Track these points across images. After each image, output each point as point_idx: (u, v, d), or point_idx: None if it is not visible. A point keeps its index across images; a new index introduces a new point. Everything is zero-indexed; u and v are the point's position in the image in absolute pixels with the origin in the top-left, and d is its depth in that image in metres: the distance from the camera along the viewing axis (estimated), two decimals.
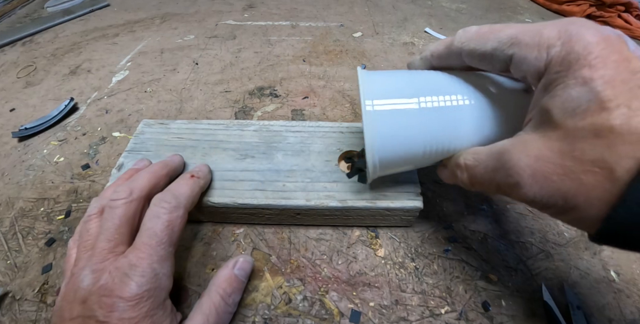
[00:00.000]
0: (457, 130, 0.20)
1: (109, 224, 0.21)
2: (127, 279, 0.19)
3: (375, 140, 0.20)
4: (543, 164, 0.15)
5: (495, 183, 0.18)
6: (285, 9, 0.68)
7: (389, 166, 0.22)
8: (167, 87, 0.47)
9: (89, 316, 0.18)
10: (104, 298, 0.18)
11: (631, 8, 0.65)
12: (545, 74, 0.16)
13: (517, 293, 0.26)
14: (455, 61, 0.21)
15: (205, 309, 0.22)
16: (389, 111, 0.20)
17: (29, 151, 0.38)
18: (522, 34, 0.17)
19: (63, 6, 0.70)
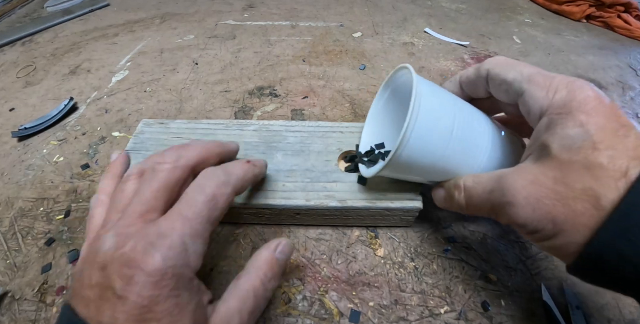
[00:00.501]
0: (472, 158, 0.22)
1: (146, 186, 0.19)
2: (152, 250, 0.17)
3: (409, 137, 0.20)
4: (537, 188, 0.17)
5: (490, 204, 0.20)
6: (285, 9, 0.68)
7: (402, 166, 0.22)
8: (166, 87, 0.47)
9: (107, 286, 0.16)
10: (125, 269, 0.16)
11: (631, 8, 0.65)
12: (546, 113, 0.19)
13: (516, 293, 0.26)
14: (480, 84, 0.24)
15: (242, 293, 0.20)
16: (431, 117, 0.21)
17: (28, 151, 0.38)
18: (538, 75, 0.20)
19: (63, 6, 0.70)
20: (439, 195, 0.24)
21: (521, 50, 0.57)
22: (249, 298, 0.20)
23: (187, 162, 0.21)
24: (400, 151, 0.21)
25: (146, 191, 0.19)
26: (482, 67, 0.23)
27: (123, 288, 0.16)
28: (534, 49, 0.58)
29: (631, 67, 0.54)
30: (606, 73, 0.52)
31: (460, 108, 0.23)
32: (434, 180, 0.24)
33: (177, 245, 0.17)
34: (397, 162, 0.21)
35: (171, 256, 0.17)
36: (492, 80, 0.22)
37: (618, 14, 0.65)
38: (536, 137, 0.19)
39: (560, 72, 0.53)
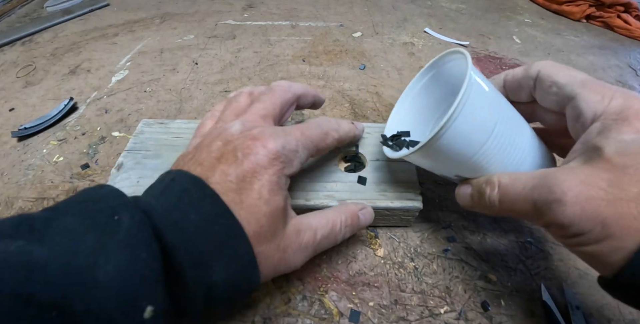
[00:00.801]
0: (508, 157, 0.22)
1: (266, 97, 0.23)
2: (275, 136, 0.20)
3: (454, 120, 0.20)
4: (589, 187, 0.16)
5: (532, 201, 0.18)
6: (285, 9, 0.68)
7: (437, 152, 0.21)
8: (166, 87, 0.47)
9: (228, 152, 0.19)
10: (249, 141, 0.19)
11: (630, 8, 0.65)
12: (600, 118, 0.19)
13: (516, 293, 0.26)
14: (526, 84, 0.23)
15: (324, 218, 0.22)
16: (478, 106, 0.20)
17: (28, 151, 0.38)
18: (592, 81, 0.20)
19: (62, 6, 0.70)
20: (465, 193, 0.23)
21: (521, 50, 0.57)
22: (327, 224, 0.22)
23: (296, 90, 0.25)
24: (442, 133, 0.20)
25: (267, 100, 0.23)
26: (531, 68, 0.23)
27: (244, 154, 0.19)
28: (534, 49, 0.58)
29: (631, 67, 0.54)
30: (606, 73, 0.52)
31: (505, 106, 0.22)
32: (461, 175, 0.23)
33: (293, 144, 0.20)
34: (433, 146, 0.20)
35: (287, 148, 0.20)
36: (542, 81, 0.22)
37: (618, 14, 0.65)
38: (586, 140, 0.19)
39: None
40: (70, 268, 0.12)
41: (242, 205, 0.18)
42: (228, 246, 0.17)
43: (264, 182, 0.19)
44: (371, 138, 0.31)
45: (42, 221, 0.14)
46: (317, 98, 0.28)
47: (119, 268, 0.13)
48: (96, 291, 0.12)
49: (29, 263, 0.12)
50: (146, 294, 0.14)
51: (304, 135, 0.22)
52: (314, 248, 0.22)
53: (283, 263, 0.20)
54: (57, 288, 0.12)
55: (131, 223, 0.14)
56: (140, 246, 0.14)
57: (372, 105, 0.44)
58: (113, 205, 0.15)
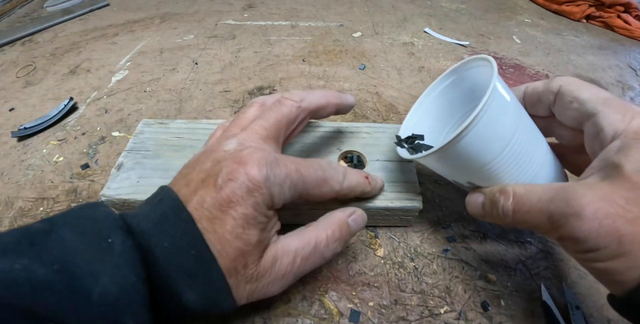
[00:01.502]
0: (524, 168, 0.22)
1: (271, 114, 0.22)
2: (263, 164, 0.19)
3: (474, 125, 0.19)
4: (608, 204, 0.16)
5: (548, 213, 0.18)
6: (285, 9, 0.68)
7: (453, 156, 0.21)
8: (166, 87, 0.47)
9: (213, 174, 0.19)
10: (234, 164, 0.19)
11: (630, 8, 0.65)
12: (620, 136, 0.19)
13: (516, 293, 0.26)
14: (546, 99, 0.23)
15: (305, 238, 0.21)
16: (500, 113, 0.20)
17: (28, 151, 0.38)
18: (614, 100, 0.20)
19: (62, 6, 0.70)
20: (476, 201, 0.23)
21: (521, 50, 0.57)
22: (308, 245, 0.21)
23: (308, 105, 0.23)
24: (463, 136, 0.19)
25: (270, 117, 0.22)
26: (553, 82, 0.23)
27: (224, 180, 0.18)
28: (534, 49, 0.58)
29: (631, 67, 0.54)
30: (606, 73, 0.52)
31: (525, 116, 0.22)
32: (474, 182, 0.23)
33: (280, 178, 0.19)
34: (452, 148, 0.20)
35: (272, 180, 0.19)
36: (562, 96, 0.22)
37: (618, 14, 0.65)
38: (605, 157, 0.19)
39: (560, 72, 0.53)
40: (69, 289, 0.14)
41: (215, 235, 0.18)
42: (199, 276, 0.17)
43: (238, 215, 0.18)
44: (371, 139, 0.31)
45: (40, 234, 0.15)
46: (341, 106, 0.26)
47: (111, 290, 0.14)
48: (89, 310, 0.14)
49: (34, 283, 0.13)
50: (132, 315, 0.15)
51: (298, 172, 0.20)
52: (294, 274, 0.21)
53: (256, 293, 0.20)
54: (57, 306, 0.13)
55: (123, 248, 0.16)
56: (130, 270, 0.15)
57: (372, 105, 0.44)
58: (107, 226, 0.16)
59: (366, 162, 0.30)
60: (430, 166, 0.25)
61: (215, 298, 0.18)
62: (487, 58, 0.23)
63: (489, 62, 0.22)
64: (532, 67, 0.53)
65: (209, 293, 0.18)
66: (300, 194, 0.21)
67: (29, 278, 0.13)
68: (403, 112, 0.43)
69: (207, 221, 0.18)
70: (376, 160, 0.30)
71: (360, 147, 0.31)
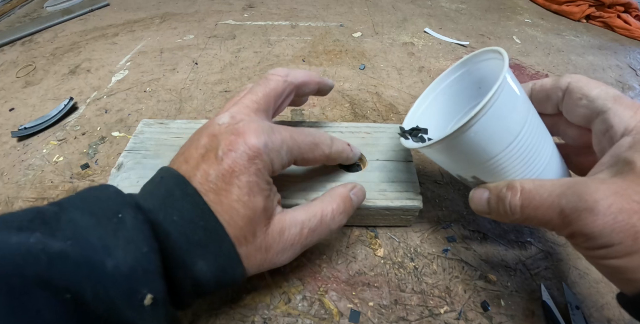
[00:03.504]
0: (530, 163, 0.21)
1: (259, 88, 0.23)
2: (260, 132, 0.19)
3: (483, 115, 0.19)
4: (622, 199, 0.16)
5: (559, 209, 0.18)
6: (285, 9, 0.68)
7: (459, 146, 0.21)
8: (166, 87, 0.47)
9: (212, 148, 0.19)
10: (232, 136, 0.19)
11: (630, 8, 0.65)
12: (631, 133, 0.19)
13: (516, 293, 0.26)
14: (554, 95, 0.23)
15: (311, 210, 0.22)
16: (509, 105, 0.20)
17: (28, 151, 0.38)
18: (624, 97, 0.20)
19: (62, 6, 0.70)
20: (481, 197, 0.22)
21: (521, 50, 0.57)
22: (315, 217, 0.21)
23: (293, 80, 0.24)
24: (469, 126, 0.19)
25: (259, 91, 0.23)
26: (562, 79, 0.23)
27: (224, 152, 0.18)
28: (534, 49, 0.58)
29: (631, 67, 0.54)
30: (606, 73, 0.52)
31: (533, 111, 0.22)
32: (479, 176, 0.23)
33: (277, 143, 0.20)
34: (459, 138, 0.20)
35: (270, 147, 0.19)
36: (571, 93, 0.22)
37: (618, 14, 0.65)
38: (615, 153, 0.19)
39: (560, 72, 0.53)
40: (84, 260, 0.14)
41: (222, 206, 0.18)
42: (209, 246, 0.18)
43: (243, 183, 0.18)
44: (371, 139, 0.31)
45: (51, 214, 0.16)
46: (323, 85, 0.27)
47: (125, 260, 0.15)
48: (105, 280, 0.14)
49: (49, 254, 0.14)
50: (147, 283, 0.15)
51: (292, 138, 0.21)
52: (302, 244, 0.21)
53: (266, 263, 0.20)
54: (73, 276, 0.14)
55: (134, 223, 0.16)
56: (142, 242, 0.16)
57: (372, 105, 0.44)
58: (116, 203, 0.17)
59: (366, 161, 0.30)
60: (435, 158, 0.24)
61: (227, 267, 0.18)
62: (498, 49, 0.22)
63: (500, 54, 0.22)
64: (532, 67, 0.53)
65: (220, 261, 0.18)
66: (296, 158, 0.22)
67: (44, 249, 0.14)
68: (403, 112, 0.43)
69: (213, 194, 0.18)
70: (376, 159, 0.30)
71: (360, 146, 0.31)
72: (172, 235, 0.17)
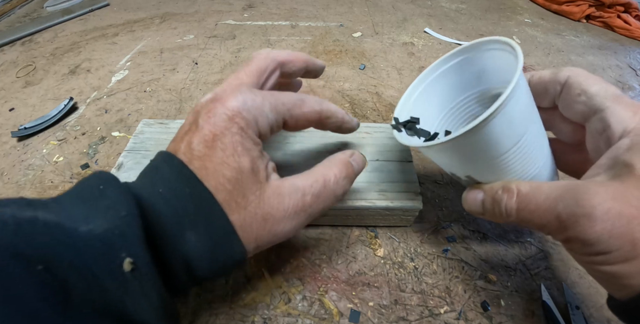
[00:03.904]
0: (528, 165, 0.21)
1: (241, 68, 0.23)
2: (238, 93, 0.19)
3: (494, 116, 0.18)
4: (621, 204, 0.16)
5: (555, 213, 0.17)
6: (285, 9, 0.68)
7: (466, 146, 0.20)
8: (166, 87, 0.47)
9: (193, 121, 0.19)
10: (210, 104, 0.19)
11: (630, 8, 0.65)
12: (630, 134, 0.18)
13: (516, 293, 0.26)
14: (552, 89, 0.22)
15: (313, 175, 0.21)
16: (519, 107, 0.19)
17: (28, 151, 0.38)
18: (624, 96, 0.20)
19: (62, 6, 0.70)
20: (475, 199, 0.22)
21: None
22: (317, 182, 0.20)
23: (275, 56, 0.24)
24: (479, 129, 0.18)
25: (241, 71, 0.22)
26: (561, 72, 0.22)
27: (204, 120, 0.18)
28: (534, 49, 0.58)
29: (631, 67, 0.54)
30: (606, 73, 0.52)
31: (537, 112, 0.21)
32: (474, 176, 0.22)
33: (258, 102, 0.19)
34: (467, 140, 0.19)
35: (250, 104, 0.19)
36: (570, 88, 0.21)
37: (618, 14, 0.65)
38: (614, 155, 0.18)
39: None
40: (54, 225, 0.13)
41: (208, 171, 0.17)
42: (198, 213, 0.17)
43: (225, 145, 0.18)
44: (370, 139, 0.31)
45: (41, 202, 0.15)
46: (312, 64, 0.26)
47: (100, 224, 0.14)
48: (77, 245, 0.13)
49: (19, 220, 0.13)
50: (125, 247, 0.14)
51: (274, 96, 0.20)
52: (307, 212, 0.20)
53: (266, 233, 0.19)
54: (42, 243, 0.13)
55: (116, 194, 0.15)
56: (121, 208, 0.15)
57: (372, 105, 0.44)
58: (100, 180, 0.16)
59: (366, 161, 0.30)
60: (431, 155, 0.23)
61: (220, 237, 0.17)
62: (508, 41, 0.21)
63: (511, 46, 0.21)
64: (532, 67, 0.53)
65: (211, 231, 0.17)
66: (284, 117, 0.21)
67: (15, 216, 0.13)
68: None
69: (198, 160, 0.18)
70: (376, 160, 0.30)
71: (360, 146, 0.31)
72: (158, 207, 0.16)
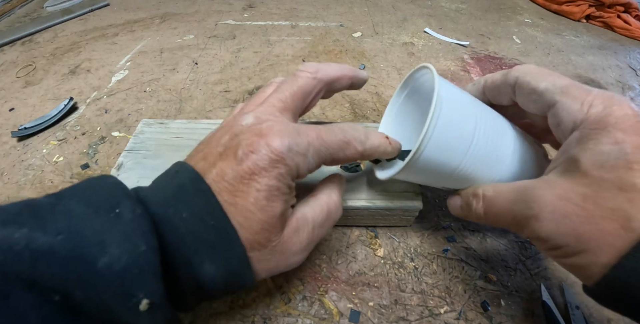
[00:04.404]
0: (492, 166, 0.22)
1: (286, 87, 0.21)
2: (285, 135, 0.18)
3: (428, 140, 0.19)
4: (565, 203, 0.17)
5: (512, 215, 0.19)
6: (285, 9, 0.68)
7: (418, 170, 0.21)
8: (166, 87, 0.47)
9: (232, 147, 0.18)
10: (254, 137, 0.18)
11: (630, 8, 0.65)
12: (579, 127, 0.18)
13: (516, 293, 0.26)
14: (505, 91, 0.23)
15: (317, 207, 0.21)
16: (452, 120, 0.20)
17: (28, 151, 0.38)
18: (572, 87, 0.19)
19: (62, 6, 0.70)
20: (455, 204, 0.23)
21: (521, 50, 0.57)
22: (322, 212, 0.21)
23: (323, 76, 0.23)
24: (418, 154, 0.20)
25: (286, 90, 0.21)
26: (510, 74, 0.22)
27: (245, 153, 0.17)
28: (534, 49, 0.58)
29: (631, 67, 0.54)
30: (606, 73, 0.52)
31: (483, 114, 0.22)
32: (449, 187, 0.24)
33: (302, 147, 0.18)
34: (413, 165, 0.20)
35: (295, 150, 0.18)
36: (520, 88, 0.21)
37: (618, 14, 0.65)
38: (565, 150, 0.18)
39: (560, 73, 0.53)
40: (72, 257, 0.13)
41: (237, 208, 0.17)
42: (218, 247, 0.17)
43: (262, 186, 0.17)
44: None
45: (46, 206, 0.15)
46: (356, 79, 0.25)
47: (119, 258, 0.14)
48: (95, 280, 0.13)
49: (33, 250, 0.13)
50: (143, 286, 0.14)
51: (320, 138, 0.19)
52: (315, 241, 0.21)
53: (282, 265, 0.20)
54: (60, 275, 0.13)
55: (132, 217, 0.15)
56: (140, 239, 0.14)
57: (372, 105, 0.44)
58: (116, 195, 0.16)
59: (366, 161, 0.29)
60: (405, 180, 0.25)
61: (235, 271, 0.17)
62: (428, 66, 0.22)
63: (429, 69, 0.22)
64: None
65: (228, 265, 0.17)
66: (325, 160, 0.20)
67: (28, 245, 0.13)
68: None
69: (228, 194, 0.17)
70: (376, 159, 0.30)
71: None
72: (179, 232, 0.16)
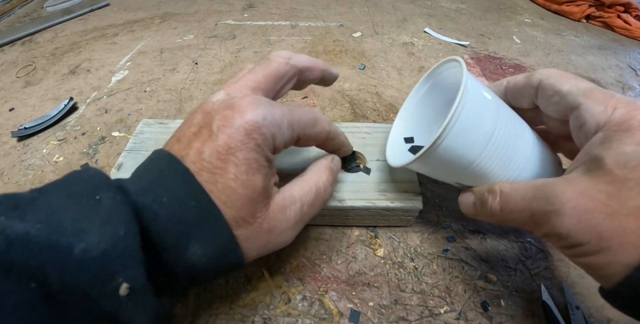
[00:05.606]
0: (508, 165, 0.22)
1: (260, 69, 0.22)
2: (258, 106, 0.18)
3: (451, 129, 0.19)
4: (587, 200, 0.17)
5: (531, 211, 0.19)
6: (285, 9, 0.68)
7: (436, 160, 0.21)
8: (166, 87, 0.47)
9: (205, 125, 0.18)
10: (227, 111, 0.18)
11: (630, 8, 0.65)
12: (603, 129, 0.18)
13: (516, 293, 0.26)
14: (527, 93, 0.23)
15: (306, 185, 0.21)
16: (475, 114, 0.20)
17: (28, 151, 0.38)
18: (595, 91, 0.20)
19: (62, 6, 0.70)
20: (468, 200, 0.23)
21: (521, 50, 0.57)
22: (311, 191, 0.21)
23: (297, 63, 0.23)
24: (439, 143, 0.20)
25: (259, 71, 0.21)
26: (533, 76, 0.22)
27: (219, 127, 0.17)
28: (534, 49, 0.58)
29: (631, 67, 0.54)
30: (606, 73, 0.52)
31: (504, 112, 0.22)
32: (463, 182, 0.24)
33: (277, 118, 0.18)
34: (432, 154, 0.20)
35: (270, 120, 0.18)
36: (543, 91, 0.22)
37: (618, 14, 0.65)
38: (588, 150, 0.19)
39: None
40: (47, 243, 0.13)
41: (218, 186, 0.17)
42: (202, 228, 0.17)
43: (240, 161, 0.17)
44: (371, 139, 0.31)
45: (27, 199, 0.14)
46: (328, 73, 0.25)
47: (97, 244, 0.13)
48: (71, 265, 0.13)
49: (8, 235, 0.12)
50: (121, 269, 0.14)
51: (291, 113, 0.19)
52: (304, 221, 0.21)
53: (271, 243, 0.19)
54: (35, 261, 0.12)
55: (112, 203, 0.15)
56: (119, 224, 0.14)
57: (372, 105, 0.44)
58: (95, 184, 0.15)
59: (366, 161, 0.30)
60: (419, 171, 0.25)
61: (223, 249, 0.17)
62: (456, 58, 0.23)
63: (459, 63, 0.22)
64: (532, 67, 0.53)
65: (215, 243, 0.17)
66: (298, 134, 0.20)
67: (4, 231, 0.12)
68: None
69: (207, 173, 0.17)
70: (376, 160, 0.30)
71: (360, 147, 0.31)
72: (161, 217, 0.16)
